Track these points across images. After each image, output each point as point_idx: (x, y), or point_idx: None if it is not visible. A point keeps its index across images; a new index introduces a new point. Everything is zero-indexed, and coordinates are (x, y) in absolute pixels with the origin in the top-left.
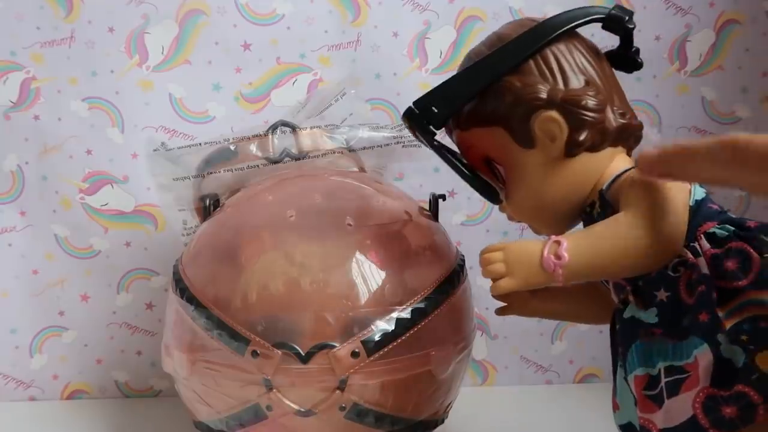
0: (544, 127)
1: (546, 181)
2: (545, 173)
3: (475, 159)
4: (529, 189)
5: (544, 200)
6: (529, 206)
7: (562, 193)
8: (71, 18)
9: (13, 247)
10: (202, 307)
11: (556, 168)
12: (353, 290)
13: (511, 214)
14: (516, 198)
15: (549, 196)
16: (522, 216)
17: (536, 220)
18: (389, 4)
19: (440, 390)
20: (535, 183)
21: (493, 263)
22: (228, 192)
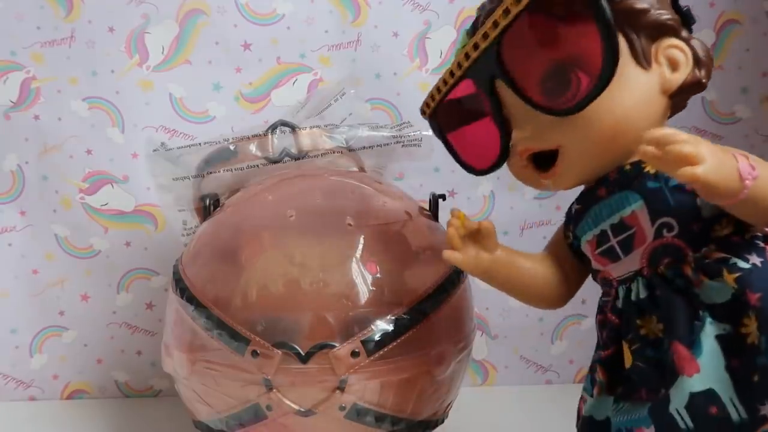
0: (671, 53)
1: (638, 108)
2: (642, 99)
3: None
4: (618, 107)
5: (625, 126)
6: (606, 126)
7: (641, 128)
8: (71, 18)
9: (13, 247)
10: (202, 307)
11: (653, 99)
12: (353, 290)
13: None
14: (594, 113)
15: (632, 124)
16: (582, 136)
17: (595, 148)
18: (389, 4)
19: (440, 390)
20: (627, 102)
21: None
22: (228, 192)
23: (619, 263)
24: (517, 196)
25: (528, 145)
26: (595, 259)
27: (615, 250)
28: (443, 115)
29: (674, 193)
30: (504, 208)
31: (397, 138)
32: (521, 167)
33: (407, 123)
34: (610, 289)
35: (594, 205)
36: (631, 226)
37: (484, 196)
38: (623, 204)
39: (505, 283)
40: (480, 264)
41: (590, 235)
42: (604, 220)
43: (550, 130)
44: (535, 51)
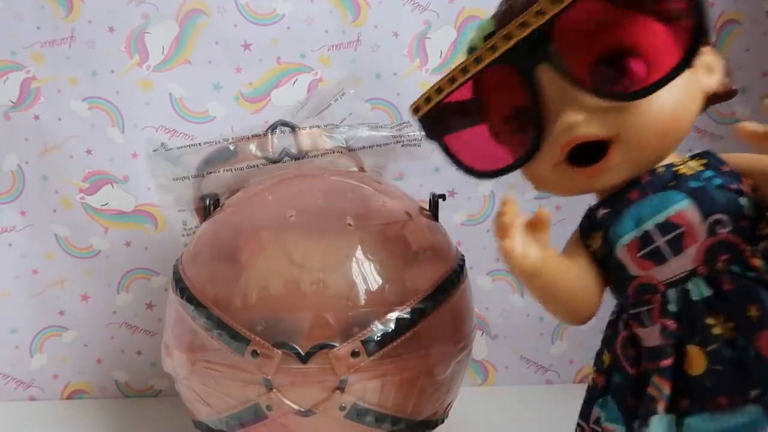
0: (705, 58)
1: (689, 104)
2: (692, 97)
3: (601, 40)
4: (676, 99)
5: (679, 119)
6: (666, 116)
7: (687, 126)
8: (71, 18)
9: (13, 247)
10: (202, 307)
11: (697, 99)
12: (353, 290)
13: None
14: (655, 101)
15: (683, 120)
16: (642, 124)
17: (652, 140)
18: (389, 4)
19: (440, 390)
20: (683, 96)
21: None
22: (228, 192)
23: (666, 265)
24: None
25: (582, 132)
26: (637, 262)
27: (661, 251)
28: (438, 117)
29: (720, 191)
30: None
31: (396, 138)
32: (551, 166)
33: (407, 123)
34: (652, 296)
35: (627, 207)
36: (679, 225)
37: (484, 196)
38: (667, 203)
39: (549, 285)
40: (529, 260)
41: (629, 238)
42: (646, 220)
43: (608, 115)
44: (593, 35)
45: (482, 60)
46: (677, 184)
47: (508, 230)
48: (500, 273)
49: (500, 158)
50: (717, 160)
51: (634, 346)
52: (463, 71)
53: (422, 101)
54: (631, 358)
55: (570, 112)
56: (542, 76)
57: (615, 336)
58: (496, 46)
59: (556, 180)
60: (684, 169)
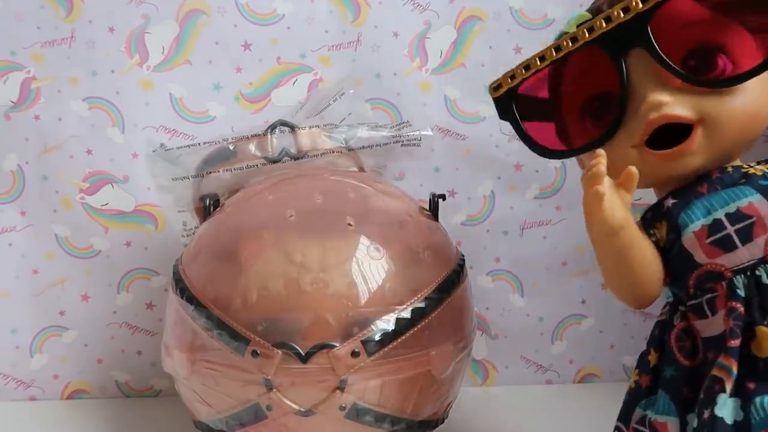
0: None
1: (763, 103)
2: (766, 98)
3: (695, 34)
4: (756, 94)
5: (761, 115)
6: (750, 105)
7: (761, 127)
8: (71, 18)
9: (14, 247)
10: (202, 307)
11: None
12: (353, 290)
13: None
14: (742, 90)
15: (763, 116)
16: (728, 109)
17: (736, 127)
18: (389, 4)
19: (440, 390)
20: (758, 95)
21: None
22: (228, 192)
23: (735, 252)
24: (518, 196)
25: (668, 112)
26: (705, 249)
27: (732, 238)
28: (513, 102)
29: None
30: (504, 208)
31: (396, 138)
32: (630, 147)
33: (406, 123)
34: (716, 283)
35: (696, 199)
36: (749, 216)
37: (484, 196)
38: (738, 195)
39: (627, 249)
40: (617, 214)
41: (699, 225)
42: (717, 209)
43: (695, 98)
44: (687, 28)
45: (578, 40)
46: (747, 181)
47: (600, 179)
48: (500, 273)
49: (582, 133)
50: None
51: (690, 337)
52: (556, 49)
53: (505, 79)
54: (686, 350)
55: (657, 92)
56: (633, 61)
57: (666, 331)
58: (593, 27)
59: (632, 163)
60: (752, 170)
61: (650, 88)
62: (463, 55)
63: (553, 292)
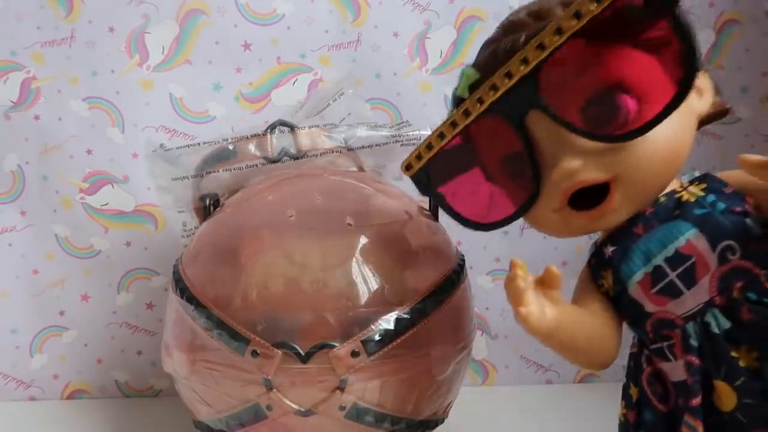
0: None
1: (685, 131)
2: (688, 123)
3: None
4: (672, 130)
5: (678, 150)
6: (663, 149)
7: (685, 153)
8: (71, 18)
9: (14, 247)
10: (202, 307)
11: (692, 124)
12: (353, 290)
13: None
14: (653, 136)
15: (682, 148)
16: (642, 162)
17: (654, 175)
18: (389, 4)
19: (440, 390)
20: (678, 126)
21: None
22: (227, 192)
23: (682, 299)
24: None
25: (580, 178)
26: (652, 299)
27: (675, 285)
28: (430, 169)
29: (725, 215)
30: None
31: (395, 137)
32: (551, 212)
33: (406, 122)
34: (670, 331)
35: (634, 243)
36: (689, 256)
37: None
38: (674, 234)
39: (568, 341)
40: (547, 322)
41: (641, 275)
42: (656, 255)
43: (605, 157)
44: (580, 76)
45: (471, 113)
46: (682, 212)
47: (522, 297)
48: (500, 273)
49: (499, 206)
50: (718, 182)
51: (661, 381)
52: (452, 125)
53: (413, 159)
54: (659, 395)
55: (566, 158)
56: (533, 123)
57: (639, 371)
58: (482, 98)
59: (559, 225)
60: (686, 195)
61: (558, 151)
62: (463, 55)
63: None
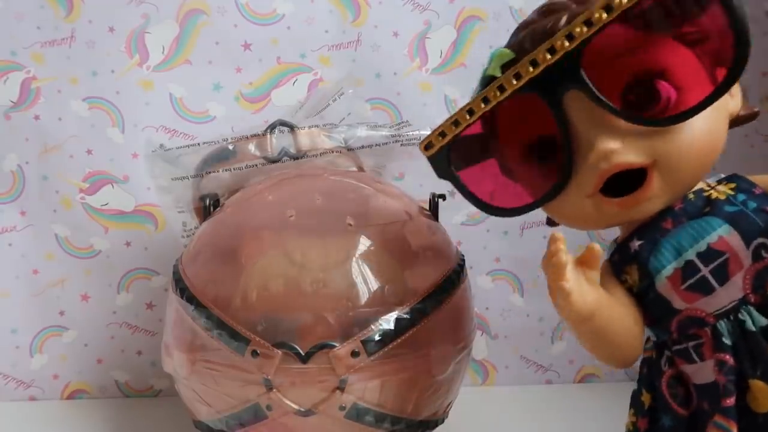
0: None
1: (722, 125)
2: (724, 117)
3: (633, 65)
4: (712, 121)
5: (716, 141)
6: (704, 137)
7: (720, 148)
8: (71, 18)
9: (14, 247)
10: (202, 307)
11: (726, 121)
12: (353, 290)
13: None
14: (693, 123)
15: (718, 141)
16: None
17: (693, 163)
18: (389, 3)
19: (440, 390)
20: (718, 118)
21: None
22: (227, 192)
23: (714, 295)
24: None
25: (619, 160)
26: (682, 295)
27: (708, 280)
28: (448, 153)
29: (758, 213)
30: None
31: (395, 137)
32: (583, 198)
33: (406, 122)
34: (699, 330)
35: (662, 237)
36: (722, 252)
37: None
38: (706, 230)
39: (602, 328)
40: (585, 303)
41: (671, 269)
42: (687, 249)
43: (645, 140)
44: (623, 59)
45: (506, 89)
46: (712, 209)
47: (563, 272)
48: (500, 273)
49: (519, 194)
50: (747, 182)
51: (683, 384)
52: (484, 101)
53: (435, 136)
54: (680, 398)
55: (605, 139)
56: (570, 103)
57: (657, 375)
58: (520, 73)
59: (588, 213)
60: (715, 193)
61: (596, 133)
62: (463, 54)
63: None
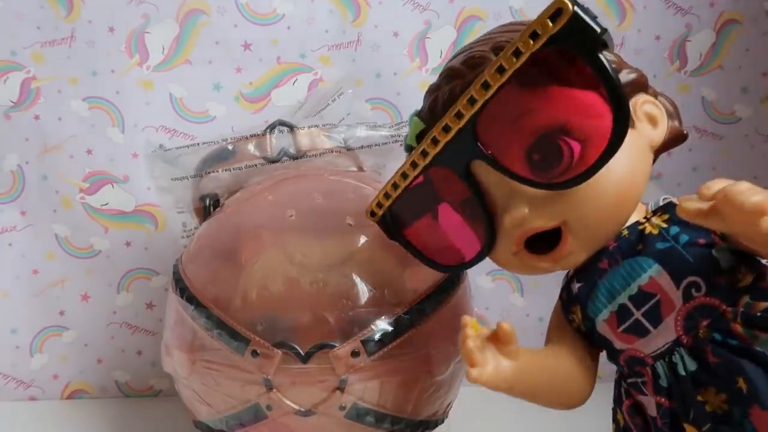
0: (647, 109)
1: (636, 168)
2: (638, 159)
3: (527, 127)
4: (621, 170)
5: (629, 188)
6: (612, 191)
7: (641, 189)
8: (71, 18)
9: (14, 247)
10: (202, 307)
11: (645, 157)
12: (353, 290)
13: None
14: (599, 180)
15: (634, 186)
16: (590, 207)
17: (603, 218)
18: (389, 3)
19: (440, 390)
20: (627, 164)
21: (760, 194)
22: (227, 192)
23: (650, 337)
24: None
25: (529, 226)
26: (620, 337)
27: (642, 323)
28: (395, 212)
29: (689, 249)
30: None
31: (395, 137)
32: (511, 255)
33: (406, 122)
34: (642, 368)
35: (599, 279)
36: (653, 294)
37: None
38: (637, 271)
39: (528, 392)
40: (504, 377)
41: (607, 313)
42: (620, 292)
43: (552, 204)
44: (517, 123)
45: (418, 165)
46: (644, 247)
47: (473, 358)
48: (500, 273)
49: (465, 246)
50: None
51: (640, 414)
52: (403, 176)
53: (374, 207)
54: (640, 427)
55: (514, 206)
56: (480, 171)
57: (619, 403)
58: (426, 150)
59: (521, 266)
60: (649, 227)
61: (506, 198)
62: None
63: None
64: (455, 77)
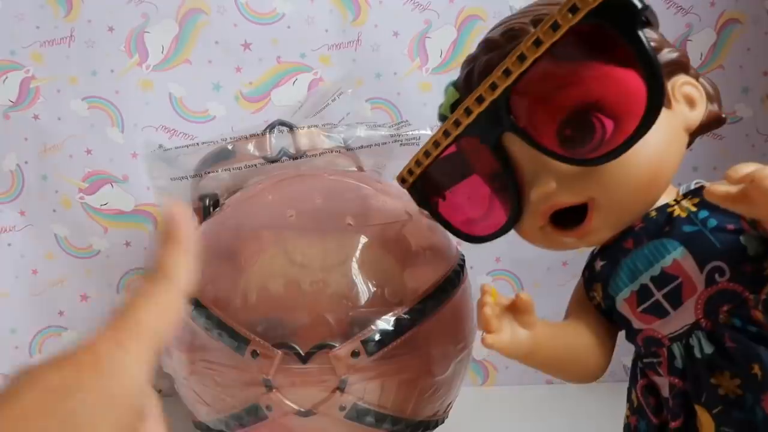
0: (686, 90)
1: (669, 149)
2: (672, 140)
3: (561, 102)
4: (653, 150)
5: (660, 169)
6: (643, 171)
7: (672, 170)
8: (71, 17)
9: (13, 247)
10: (202, 307)
11: (679, 139)
12: (353, 290)
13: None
14: (629, 159)
15: (666, 167)
16: (618, 185)
17: (631, 197)
18: (390, 3)
19: (440, 390)
20: (661, 145)
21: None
22: (227, 192)
23: (668, 318)
24: None
25: (556, 201)
26: (639, 317)
27: (662, 305)
28: (427, 179)
29: (716, 234)
30: None
31: (395, 137)
32: (537, 229)
33: (405, 122)
34: (658, 349)
35: (623, 258)
36: (675, 276)
37: None
38: (661, 253)
39: (545, 362)
40: (520, 346)
41: (628, 292)
42: (642, 273)
43: (581, 180)
44: (551, 98)
45: (450, 134)
46: (671, 229)
47: (490, 324)
48: (500, 273)
49: (492, 218)
50: None
51: (654, 394)
52: (435, 144)
53: (406, 173)
54: (652, 407)
55: (542, 180)
56: (510, 144)
57: (634, 382)
58: (459, 120)
59: (545, 241)
60: (678, 210)
61: (535, 172)
62: (463, 54)
63: (554, 292)
64: (493, 48)
